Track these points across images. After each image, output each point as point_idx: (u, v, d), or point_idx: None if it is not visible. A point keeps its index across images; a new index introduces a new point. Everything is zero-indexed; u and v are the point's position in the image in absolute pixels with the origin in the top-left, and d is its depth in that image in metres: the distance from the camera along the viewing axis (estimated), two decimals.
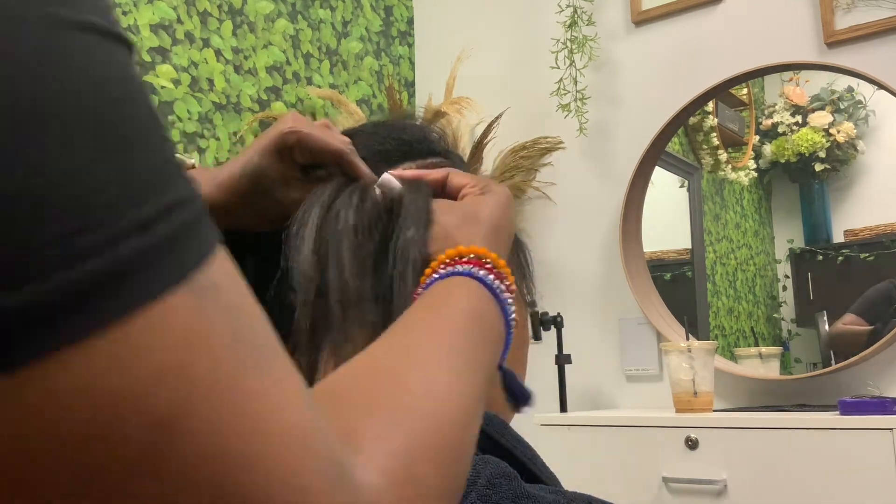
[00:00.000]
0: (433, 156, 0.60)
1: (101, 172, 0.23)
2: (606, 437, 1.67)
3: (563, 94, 2.14)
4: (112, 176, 0.23)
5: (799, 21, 1.93)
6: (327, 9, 2.30)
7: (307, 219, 0.52)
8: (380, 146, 0.59)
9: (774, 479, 1.46)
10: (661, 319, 2.01)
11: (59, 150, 0.22)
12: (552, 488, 0.49)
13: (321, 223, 0.52)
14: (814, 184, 2.06)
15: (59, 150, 0.22)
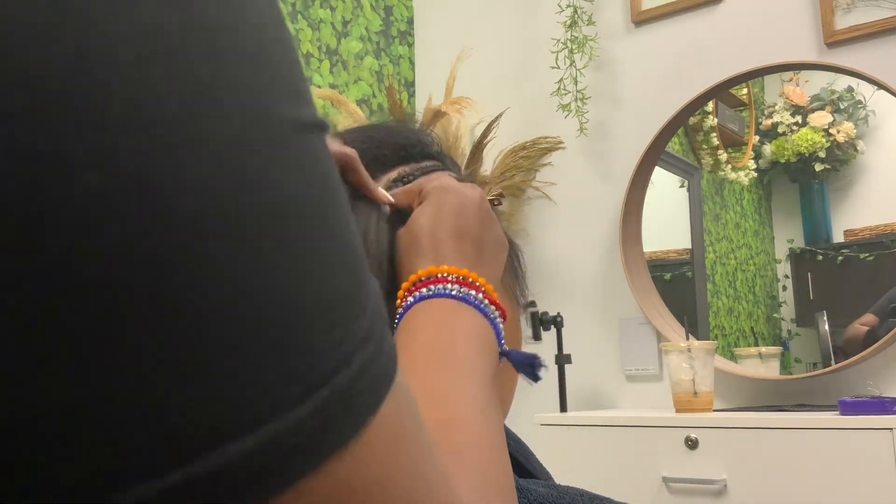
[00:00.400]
0: (428, 159, 0.60)
1: (337, 283, 0.24)
2: (606, 437, 1.67)
3: (563, 94, 2.14)
4: (345, 287, 0.24)
5: (799, 21, 1.93)
6: (327, 9, 2.30)
7: None
8: (376, 150, 0.59)
9: (774, 479, 1.46)
10: (661, 319, 2.01)
11: (308, 264, 0.23)
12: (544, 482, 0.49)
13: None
14: (814, 184, 2.06)
15: (309, 264, 0.23)
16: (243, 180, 0.21)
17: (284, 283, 0.22)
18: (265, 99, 0.23)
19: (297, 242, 0.22)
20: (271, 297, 0.21)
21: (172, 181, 0.20)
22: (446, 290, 0.46)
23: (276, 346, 0.21)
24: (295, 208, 0.23)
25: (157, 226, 0.20)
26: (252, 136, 0.22)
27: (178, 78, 0.21)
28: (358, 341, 0.23)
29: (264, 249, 0.22)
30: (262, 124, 0.22)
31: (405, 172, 0.58)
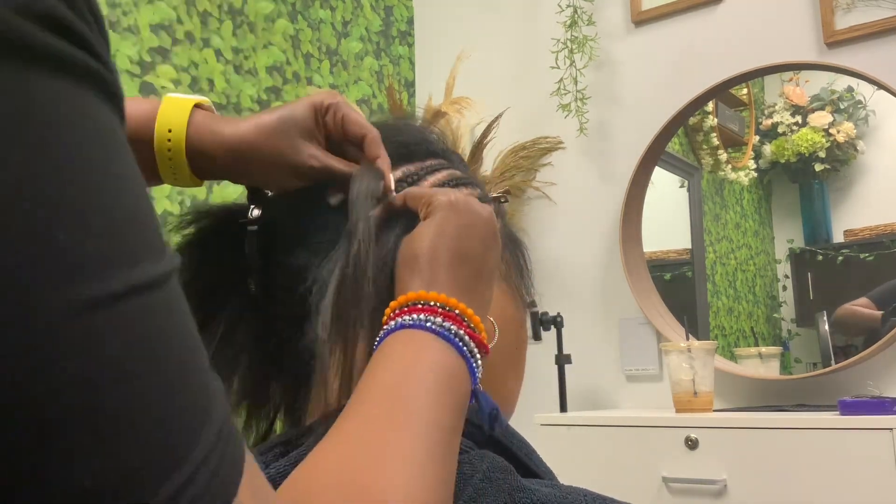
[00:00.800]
0: (432, 157, 0.60)
1: (169, 426, 0.24)
2: (606, 437, 1.67)
3: (563, 94, 2.14)
4: (189, 417, 0.25)
5: (799, 21, 1.93)
6: (327, 9, 2.30)
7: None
8: None
9: (774, 479, 1.46)
10: (661, 319, 2.01)
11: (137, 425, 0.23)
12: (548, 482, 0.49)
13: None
14: (814, 184, 2.06)
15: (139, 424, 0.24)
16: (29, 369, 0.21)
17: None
18: (32, 283, 0.22)
19: (121, 408, 0.23)
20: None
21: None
22: (428, 322, 0.46)
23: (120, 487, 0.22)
24: (99, 385, 0.23)
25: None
26: (24, 324, 0.21)
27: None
28: (197, 464, 0.24)
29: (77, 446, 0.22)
30: (31, 311, 0.22)
31: (410, 171, 0.58)
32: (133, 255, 0.24)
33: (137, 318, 0.24)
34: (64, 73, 0.23)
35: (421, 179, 0.58)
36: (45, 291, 0.22)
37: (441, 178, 0.59)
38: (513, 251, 0.62)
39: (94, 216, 0.23)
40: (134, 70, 1.79)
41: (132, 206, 0.25)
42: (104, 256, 0.23)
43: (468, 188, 0.60)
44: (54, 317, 0.22)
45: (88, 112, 0.24)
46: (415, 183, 0.57)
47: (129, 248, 0.24)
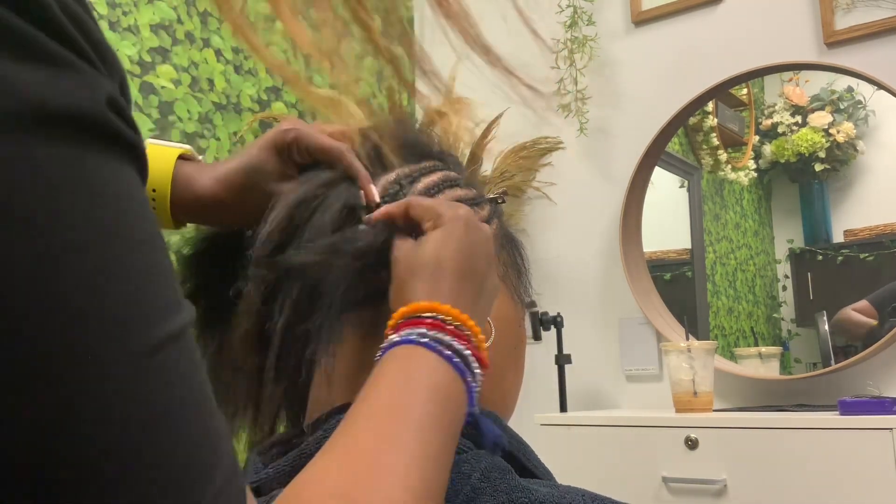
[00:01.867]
0: (427, 159, 0.60)
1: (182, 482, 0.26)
2: (606, 437, 1.67)
3: (563, 95, 2.14)
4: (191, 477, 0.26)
5: (799, 21, 1.93)
6: None
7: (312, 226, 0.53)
8: (374, 152, 0.59)
9: (774, 479, 1.46)
10: (661, 319, 2.01)
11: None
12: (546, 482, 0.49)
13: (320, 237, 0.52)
14: (814, 184, 2.06)
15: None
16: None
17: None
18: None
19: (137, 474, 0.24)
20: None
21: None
22: (433, 341, 0.45)
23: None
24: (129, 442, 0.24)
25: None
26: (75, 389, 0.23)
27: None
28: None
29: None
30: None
31: (404, 174, 0.58)
32: (165, 307, 0.26)
33: (170, 367, 0.26)
34: (116, 150, 0.26)
35: (415, 181, 0.58)
36: (104, 341, 0.24)
37: (435, 180, 0.58)
38: (510, 251, 0.62)
39: (137, 276, 0.26)
40: (134, 70, 1.79)
41: (161, 264, 0.27)
42: (144, 311, 0.26)
43: (462, 190, 0.60)
44: (112, 362, 0.24)
45: (132, 184, 0.26)
46: (410, 185, 0.57)
47: (162, 301, 0.26)
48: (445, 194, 0.58)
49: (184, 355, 0.27)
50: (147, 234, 0.27)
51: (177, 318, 0.27)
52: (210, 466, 0.27)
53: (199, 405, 0.27)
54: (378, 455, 0.40)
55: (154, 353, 0.25)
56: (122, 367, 0.24)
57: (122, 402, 0.24)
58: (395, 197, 0.56)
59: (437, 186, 0.58)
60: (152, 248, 0.27)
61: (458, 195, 0.59)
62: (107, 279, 0.24)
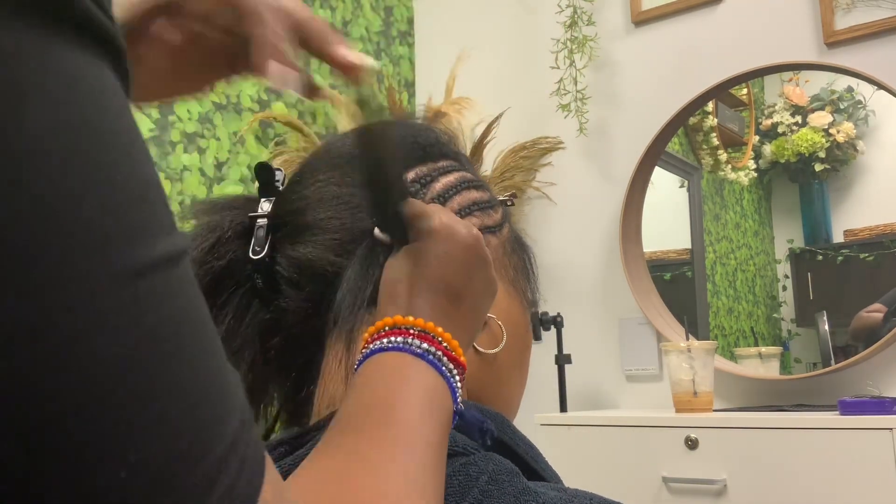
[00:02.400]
0: (445, 159, 0.60)
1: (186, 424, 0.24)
2: (606, 437, 1.67)
3: (563, 94, 2.14)
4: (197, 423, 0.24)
5: (799, 21, 1.93)
6: (327, 9, 2.30)
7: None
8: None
9: (774, 479, 1.46)
10: (661, 319, 2.01)
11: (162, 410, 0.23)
12: (554, 485, 0.49)
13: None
14: (814, 184, 2.06)
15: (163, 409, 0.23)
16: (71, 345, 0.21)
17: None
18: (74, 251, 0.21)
19: (141, 401, 0.22)
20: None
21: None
22: (406, 344, 0.46)
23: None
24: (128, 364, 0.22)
25: None
26: (66, 297, 0.21)
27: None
28: (215, 472, 0.23)
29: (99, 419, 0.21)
30: (77, 281, 0.21)
31: (423, 173, 0.58)
32: (156, 226, 0.24)
33: (163, 294, 0.23)
34: (88, 41, 0.23)
35: (434, 181, 0.57)
36: (84, 260, 0.21)
37: (453, 181, 0.58)
38: (520, 255, 0.62)
39: (122, 187, 0.23)
40: None
41: (149, 179, 0.24)
42: (131, 228, 0.23)
43: (479, 191, 0.59)
44: (92, 284, 0.21)
45: (109, 85, 0.24)
46: (428, 185, 0.57)
47: (151, 218, 0.24)
48: (462, 195, 0.58)
49: (182, 286, 0.24)
50: (131, 139, 0.24)
51: (169, 241, 0.24)
52: (222, 413, 0.24)
53: (201, 342, 0.24)
54: (377, 452, 0.40)
55: (143, 275, 0.22)
56: (102, 287, 0.21)
57: (97, 331, 0.21)
58: (413, 196, 0.56)
59: (455, 187, 0.58)
60: (138, 156, 0.24)
61: (475, 197, 0.58)
62: (82, 181, 0.22)
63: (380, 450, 0.40)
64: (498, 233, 0.59)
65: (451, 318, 0.48)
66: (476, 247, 0.51)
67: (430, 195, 0.57)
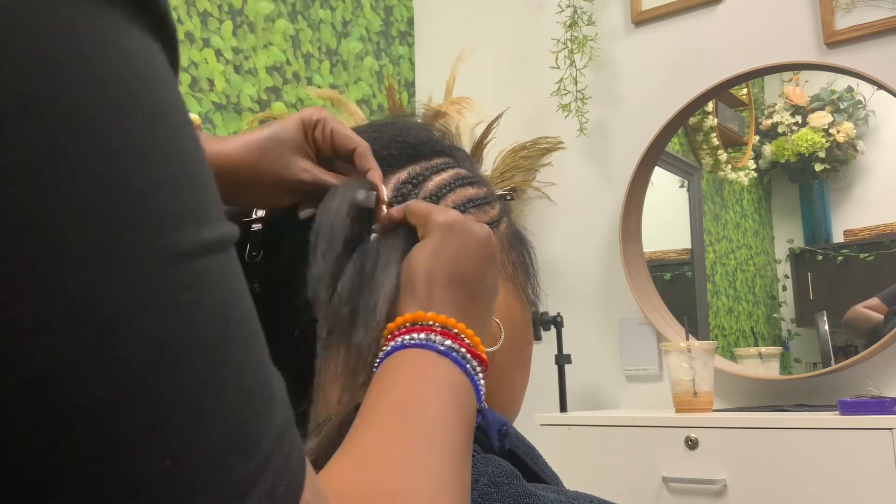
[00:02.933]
0: (438, 156, 0.60)
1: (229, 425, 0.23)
2: (606, 437, 1.67)
3: (563, 94, 2.14)
4: (240, 423, 0.23)
5: (799, 21, 1.93)
6: (327, 9, 2.30)
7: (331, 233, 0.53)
8: (385, 151, 0.58)
9: (774, 479, 1.46)
10: (661, 319, 2.01)
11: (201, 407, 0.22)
12: (554, 487, 0.49)
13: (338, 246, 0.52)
14: (814, 184, 2.06)
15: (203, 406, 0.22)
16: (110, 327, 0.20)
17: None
18: (123, 233, 0.21)
19: (185, 390, 0.21)
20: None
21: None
22: (429, 341, 0.46)
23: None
24: (176, 350, 0.21)
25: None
26: (112, 278, 0.20)
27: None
28: (253, 478, 0.23)
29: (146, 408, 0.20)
30: (121, 262, 0.20)
31: (416, 172, 0.58)
32: (204, 211, 0.23)
33: (206, 281, 0.23)
34: (142, 20, 0.23)
35: (427, 179, 0.57)
36: (134, 237, 0.21)
37: (447, 178, 0.58)
38: (519, 251, 0.61)
39: (171, 162, 0.22)
40: None
41: (200, 163, 0.24)
42: (182, 208, 0.22)
43: (474, 187, 0.59)
44: (142, 263, 0.21)
45: (162, 65, 0.23)
46: (422, 183, 0.57)
47: (201, 203, 0.23)
48: (457, 192, 0.58)
49: (230, 273, 0.23)
50: (182, 124, 0.23)
51: (218, 226, 0.23)
52: (269, 407, 0.24)
53: (248, 331, 0.24)
54: (403, 449, 0.40)
55: (183, 259, 0.22)
56: (151, 267, 0.21)
57: (144, 311, 0.20)
58: (406, 196, 0.56)
59: (449, 185, 0.58)
60: (189, 139, 0.23)
61: (470, 194, 0.58)
62: (134, 156, 0.21)
63: (406, 450, 0.40)
64: (495, 228, 0.59)
65: (469, 314, 0.48)
66: (490, 244, 0.51)
67: (423, 194, 0.56)
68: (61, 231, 0.19)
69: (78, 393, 0.19)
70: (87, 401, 0.19)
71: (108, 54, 0.21)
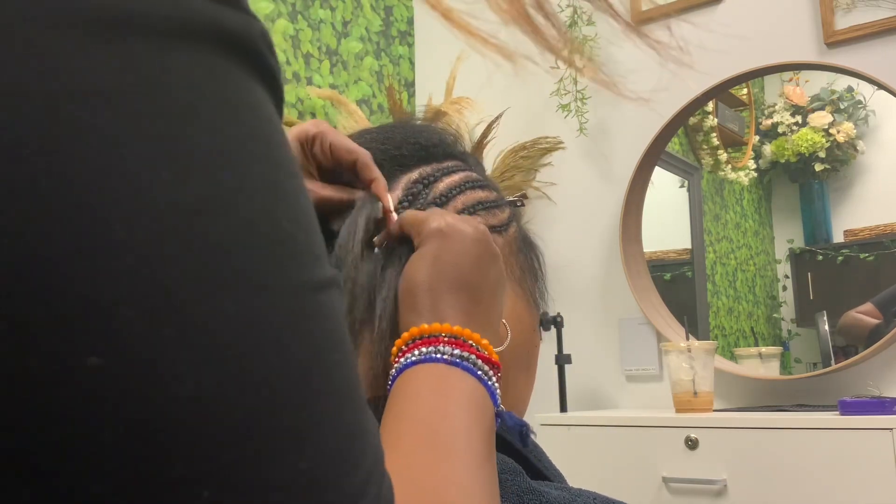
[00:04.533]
0: (450, 159, 0.60)
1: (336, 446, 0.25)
2: (606, 437, 1.67)
3: (563, 94, 2.14)
4: (342, 446, 0.25)
5: (799, 21, 1.93)
6: (327, 9, 2.30)
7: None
8: (396, 151, 0.58)
9: (774, 479, 1.46)
10: (661, 319, 2.01)
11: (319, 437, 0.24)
12: (557, 484, 0.49)
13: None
14: (814, 184, 2.06)
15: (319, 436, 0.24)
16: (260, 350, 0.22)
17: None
18: (280, 270, 0.24)
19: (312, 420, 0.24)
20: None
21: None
22: (440, 353, 0.45)
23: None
24: (303, 376, 0.24)
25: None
26: (264, 308, 0.23)
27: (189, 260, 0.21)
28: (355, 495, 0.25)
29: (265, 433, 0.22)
30: (272, 296, 0.23)
31: (426, 173, 0.57)
32: (320, 251, 0.26)
33: (328, 312, 0.25)
34: (267, 84, 0.25)
35: (437, 181, 0.57)
36: (281, 267, 0.24)
37: (457, 180, 0.58)
38: (527, 254, 0.62)
39: (302, 210, 0.26)
40: None
41: (313, 212, 0.27)
42: (311, 248, 0.25)
43: (484, 190, 0.59)
44: (286, 294, 0.23)
45: (279, 121, 0.26)
46: (432, 184, 0.57)
47: (317, 244, 0.26)
48: (467, 194, 0.58)
49: (336, 307, 0.26)
50: (300, 173, 0.26)
51: (330, 269, 0.26)
52: (369, 428, 0.26)
53: (351, 360, 0.26)
54: (434, 469, 0.39)
55: (316, 292, 0.24)
56: (292, 296, 0.23)
57: (282, 333, 0.23)
58: (416, 196, 0.56)
59: (459, 187, 0.57)
60: (303, 188, 0.26)
61: (480, 196, 0.58)
62: (275, 198, 0.24)
63: (431, 471, 0.39)
64: (504, 232, 0.59)
65: (475, 317, 0.48)
66: (485, 241, 0.51)
67: (434, 194, 0.56)
68: (235, 259, 0.22)
69: (240, 401, 0.22)
70: (247, 406, 0.22)
71: (250, 106, 0.24)
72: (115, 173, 0.20)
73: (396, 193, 0.56)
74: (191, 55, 0.22)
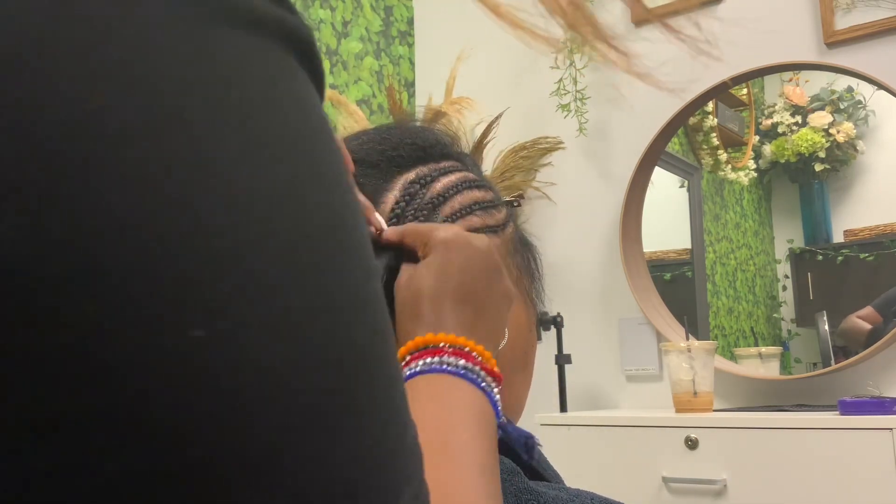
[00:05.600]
0: (447, 160, 0.60)
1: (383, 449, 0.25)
2: (606, 437, 1.67)
3: (563, 94, 2.14)
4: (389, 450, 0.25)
5: (799, 21, 1.93)
6: (327, 9, 2.30)
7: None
8: (393, 151, 0.58)
9: (774, 479, 1.46)
10: (661, 319, 2.01)
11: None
12: (555, 485, 0.49)
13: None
14: (814, 184, 2.06)
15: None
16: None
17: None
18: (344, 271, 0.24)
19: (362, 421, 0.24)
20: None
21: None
22: (446, 364, 0.45)
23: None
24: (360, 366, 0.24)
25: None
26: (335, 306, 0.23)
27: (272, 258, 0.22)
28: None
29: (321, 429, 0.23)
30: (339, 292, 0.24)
31: (423, 173, 0.57)
32: (368, 242, 0.27)
33: (378, 299, 0.26)
34: (312, 75, 0.26)
35: (434, 181, 0.57)
36: (349, 257, 0.25)
37: (454, 180, 0.58)
38: (524, 254, 0.62)
39: (357, 202, 0.27)
40: None
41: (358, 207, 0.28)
42: (366, 238, 0.26)
43: (481, 190, 0.59)
44: (354, 281, 0.24)
45: (326, 117, 0.27)
46: (429, 185, 0.57)
47: (367, 233, 0.27)
48: (464, 194, 0.58)
49: (382, 296, 0.27)
50: (346, 173, 0.27)
51: (374, 258, 0.27)
52: (409, 423, 0.27)
53: (395, 352, 0.27)
54: (443, 483, 0.39)
55: (371, 280, 0.25)
56: (359, 283, 0.24)
57: (351, 317, 0.24)
58: (413, 197, 0.56)
59: (456, 187, 0.58)
60: (352, 181, 0.27)
61: (476, 196, 0.58)
62: (342, 190, 0.25)
63: (442, 482, 0.39)
64: (500, 232, 0.59)
65: (477, 329, 0.48)
66: (492, 255, 0.51)
67: (431, 194, 0.56)
68: (314, 245, 0.23)
69: (314, 379, 0.22)
70: (318, 387, 0.22)
71: (313, 104, 0.25)
72: (215, 161, 0.21)
73: (394, 194, 0.56)
74: (267, 51, 0.24)
